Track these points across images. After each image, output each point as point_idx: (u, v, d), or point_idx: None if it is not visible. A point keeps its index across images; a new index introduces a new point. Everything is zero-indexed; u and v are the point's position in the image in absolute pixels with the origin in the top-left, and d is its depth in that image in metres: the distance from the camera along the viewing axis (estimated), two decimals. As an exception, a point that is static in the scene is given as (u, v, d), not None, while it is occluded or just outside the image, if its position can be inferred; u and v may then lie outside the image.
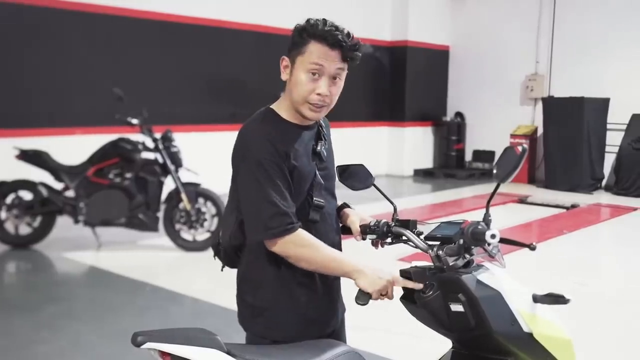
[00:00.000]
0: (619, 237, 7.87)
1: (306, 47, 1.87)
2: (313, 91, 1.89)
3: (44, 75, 8.19)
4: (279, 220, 1.83)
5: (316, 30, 1.86)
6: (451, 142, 13.37)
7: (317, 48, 1.86)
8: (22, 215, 6.41)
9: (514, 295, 1.80)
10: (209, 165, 7.50)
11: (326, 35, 1.85)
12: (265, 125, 1.91)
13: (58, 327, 4.37)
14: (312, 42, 1.86)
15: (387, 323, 4.28)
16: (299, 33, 1.89)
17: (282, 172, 1.87)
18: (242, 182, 1.90)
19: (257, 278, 1.99)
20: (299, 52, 1.88)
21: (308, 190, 1.97)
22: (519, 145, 1.82)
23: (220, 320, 4.42)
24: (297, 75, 1.89)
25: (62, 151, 6.89)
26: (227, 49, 10.19)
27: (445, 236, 1.88)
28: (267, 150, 1.85)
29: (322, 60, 1.87)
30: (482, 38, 13.18)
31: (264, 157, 1.84)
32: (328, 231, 2.06)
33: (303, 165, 1.94)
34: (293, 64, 1.91)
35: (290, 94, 1.93)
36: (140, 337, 1.60)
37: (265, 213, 1.84)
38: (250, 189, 1.87)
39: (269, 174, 1.84)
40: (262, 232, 1.86)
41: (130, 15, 8.94)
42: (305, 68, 1.87)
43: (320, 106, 1.92)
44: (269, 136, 1.87)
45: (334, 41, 1.86)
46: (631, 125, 11.01)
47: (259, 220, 1.85)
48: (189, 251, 6.43)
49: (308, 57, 1.87)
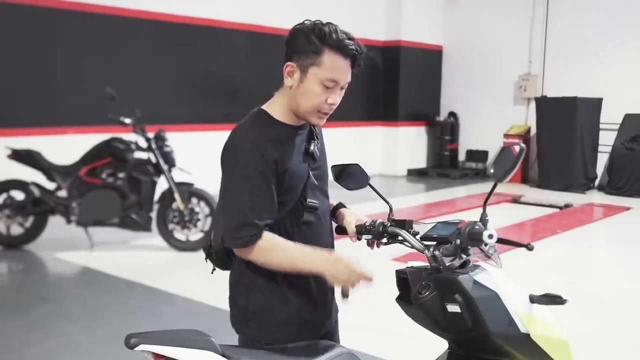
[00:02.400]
0: (612, 237, 7.88)
1: (321, 58, 1.83)
2: (325, 101, 1.88)
3: (36, 75, 8.14)
4: (244, 231, 1.83)
5: (331, 40, 1.82)
6: (444, 142, 13.38)
7: (332, 60, 1.83)
8: (14, 216, 6.37)
9: (511, 295, 1.79)
10: (202, 165, 7.44)
11: (341, 46, 1.83)
12: (256, 130, 1.88)
13: (49, 328, 4.34)
14: (327, 52, 1.83)
15: (383, 324, 4.28)
16: (307, 39, 1.84)
17: (265, 182, 1.84)
18: (222, 187, 1.91)
19: (250, 281, 1.97)
20: (312, 63, 1.83)
21: (301, 192, 1.95)
22: (517, 144, 1.80)
23: (213, 320, 4.40)
24: (310, 86, 1.86)
25: (54, 151, 6.85)
26: (220, 49, 10.16)
27: (442, 236, 1.87)
28: (252, 158, 1.83)
29: (338, 74, 1.85)
30: (476, 38, 13.20)
31: (247, 165, 1.83)
32: (323, 232, 2.05)
33: (295, 166, 1.92)
34: (304, 73, 1.85)
35: (296, 102, 1.89)
36: (134, 339, 1.58)
37: (234, 222, 1.84)
38: (227, 195, 1.88)
39: (250, 182, 1.83)
40: (230, 241, 1.87)
41: (123, 14, 8.90)
42: (320, 80, 1.84)
43: (327, 113, 1.92)
44: (257, 142, 1.84)
45: (349, 53, 1.85)
46: (624, 125, 11.05)
47: (228, 228, 1.86)
48: (182, 251, 6.41)
49: (325, 71, 1.83)
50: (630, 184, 10.64)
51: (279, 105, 1.95)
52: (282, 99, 1.94)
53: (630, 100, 11.06)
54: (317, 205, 1.98)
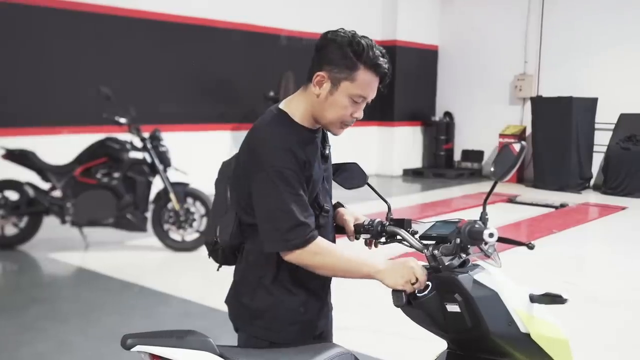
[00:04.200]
0: (608, 236, 7.89)
1: (356, 74, 1.82)
2: (351, 115, 1.88)
3: (30, 74, 8.10)
4: (297, 232, 1.79)
5: (367, 58, 1.81)
6: (440, 142, 13.37)
7: (366, 78, 1.83)
8: (8, 216, 6.33)
9: (511, 295, 1.78)
10: (197, 165, 7.44)
11: (377, 65, 1.83)
12: (284, 131, 1.86)
13: (44, 328, 4.31)
14: (362, 69, 1.82)
15: (382, 324, 4.26)
16: (342, 52, 1.81)
17: (301, 182, 1.83)
18: (259, 191, 1.83)
19: (256, 280, 1.95)
20: (345, 77, 1.82)
21: (316, 197, 1.94)
22: (517, 143, 1.78)
23: (209, 321, 4.38)
24: (339, 99, 1.85)
25: (49, 151, 6.81)
26: (216, 48, 10.12)
27: (441, 235, 1.86)
28: (288, 159, 1.80)
29: (369, 92, 1.86)
30: (471, 38, 13.21)
31: (285, 167, 1.79)
32: (329, 232, 2.04)
33: (315, 172, 1.91)
34: (335, 85, 1.84)
35: (322, 111, 1.88)
36: (130, 340, 1.57)
37: (283, 224, 1.79)
38: (269, 198, 1.81)
39: (288, 184, 1.80)
40: (280, 244, 1.82)
41: (117, 13, 8.86)
42: (350, 95, 1.84)
43: (348, 125, 1.92)
44: (289, 144, 1.82)
45: (382, 72, 1.85)
46: (619, 125, 11.07)
47: (277, 231, 1.81)
48: (177, 251, 6.38)
49: (357, 88, 1.83)
50: (625, 183, 10.66)
51: (299, 109, 1.91)
52: (304, 103, 1.91)
53: (626, 100, 11.08)
54: (329, 209, 1.99)
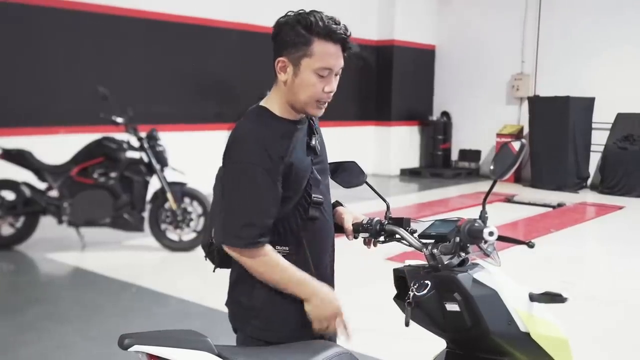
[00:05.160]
0: (605, 236, 7.90)
1: (311, 48, 1.81)
2: (322, 90, 1.86)
3: (27, 74, 8.07)
4: (247, 231, 1.81)
5: (319, 29, 1.81)
6: (437, 142, 13.37)
7: (322, 48, 1.82)
8: (5, 216, 6.30)
9: (511, 294, 1.78)
10: (194, 165, 7.43)
11: (330, 32, 1.82)
12: (260, 127, 1.87)
13: (41, 328, 4.29)
14: (316, 41, 1.81)
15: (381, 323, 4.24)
16: (294, 31, 1.82)
17: (271, 182, 1.82)
18: (226, 183, 1.88)
19: (253, 279, 1.94)
20: (304, 54, 1.82)
21: (305, 187, 1.93)
22: (517, 141, 1.77)
23: (207, 321, 4.37)
24: (305, 78, 1.84)
25: (45, 150, 6.78)
26: (212, 48, 10.12)
27: (440, 234, 1.85)
28: (259, 156, 1.81)
29: (331, 61, 1.84)
30: (468, 37, 13.21)
31: (252, 163, 1.81)
32: (327, 228, 2.03)
33: (299, 161, 1.90)
34: (296, 66, 1.84)
35: (294, 95, 1.87)
36: (128, 340, 1.55)
37: (237, 221, 1.82)
38: (232, 192, 1.85)
39: (254, 182, 1.81)
40: (230, 239, 1.85)
41: (115, 13, 8.84)
42: (314, 70, 1.83)
43: (325, 102, 1.90)
44: (263, 140, 1.82)
45: (339, 38, 1.84)
46: (616, 125, 11.09)
47: (230, 226, 1.84)
48: (174, 251, 6.36)
49: (317, 60, 1.82)
50: (622, 183, 10.68)
51: (276, 101, 1.92)
52: (278, 95, 1.92)
53: (623, 100, 11.09)
54: (322, 200, 1.97)
